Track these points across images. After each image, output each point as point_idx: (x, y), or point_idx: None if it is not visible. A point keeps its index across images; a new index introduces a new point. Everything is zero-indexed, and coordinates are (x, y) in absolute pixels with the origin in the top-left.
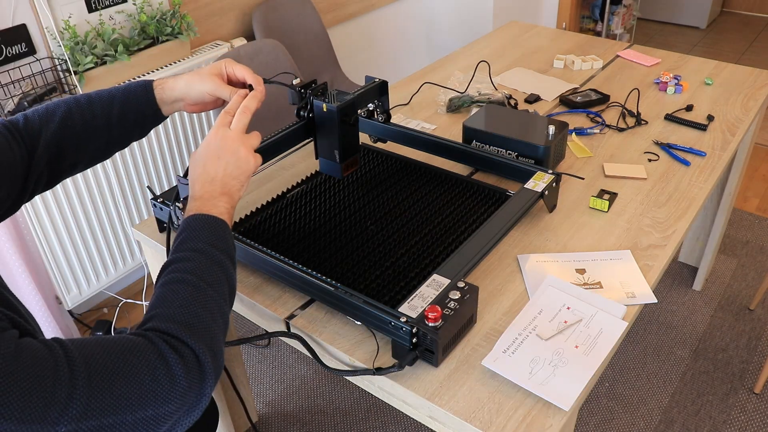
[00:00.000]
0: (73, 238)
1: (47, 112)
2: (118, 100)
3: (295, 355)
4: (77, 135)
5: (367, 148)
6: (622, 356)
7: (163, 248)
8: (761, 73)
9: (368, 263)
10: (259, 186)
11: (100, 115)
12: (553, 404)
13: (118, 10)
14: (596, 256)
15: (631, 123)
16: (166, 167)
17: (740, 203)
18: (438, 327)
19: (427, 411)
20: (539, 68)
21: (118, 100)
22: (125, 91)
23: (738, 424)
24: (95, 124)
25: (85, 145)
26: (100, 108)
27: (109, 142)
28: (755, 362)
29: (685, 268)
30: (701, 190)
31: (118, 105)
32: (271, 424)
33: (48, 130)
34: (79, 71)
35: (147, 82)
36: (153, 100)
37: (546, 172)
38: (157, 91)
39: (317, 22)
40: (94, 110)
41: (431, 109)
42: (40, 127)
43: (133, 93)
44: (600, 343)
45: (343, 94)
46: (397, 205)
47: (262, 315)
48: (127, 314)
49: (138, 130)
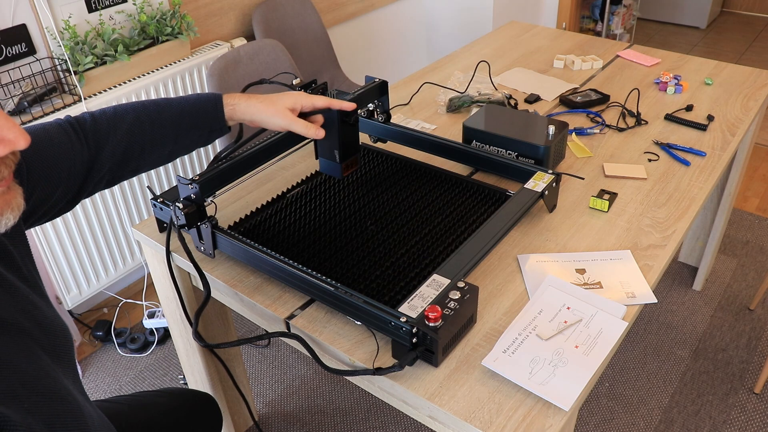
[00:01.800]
0: (73, 238)
1: (116, 117)
2: (187, 113)
3: (295, 355)
4: (143, 144)
5: (367, 148)
6: (622, 356)
7: (163, 248)
8: (761, 73)
9: (368, 263)
10: (259, 186)
11: (169, 126)
12: (553, 404)
13: (118, 10)
14: (596, 256)
15: (631, 123)
16: (166, 167)
17: (740, 203)
18: (438, 327)
19: (427, 411)
20: (539, 68)
21: (187, 113)
22: (195, 105)
23: (738, 424)
24: (163, 134)
25: (149, 153)
26: (169, 120)
27: (173, 151)
28: (755, 362)
29: (685, 268)
30: (701, 190)
31: (187, 118)
32: (271, 424)
33: (115, 136)
34: (79, 71)
35: (217, 98)
36: (222, 118)
37: (546, 172)
38: (227, 110)
39: (317, 22)
40: (162, 121)
41: (431, 109)
42: (108, 132)
43: (202, 108)
44: (600, 343)
45: (343, 94)
46: (397, 205)
47: (262, 315)
48: (127, 314)
49: (203, 142)
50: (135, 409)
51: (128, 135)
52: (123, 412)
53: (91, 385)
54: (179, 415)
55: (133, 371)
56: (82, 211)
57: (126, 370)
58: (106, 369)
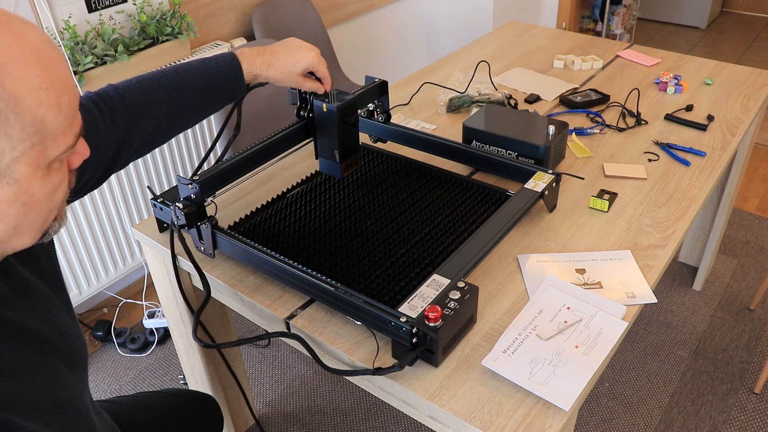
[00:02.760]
0: (72, 237)
1: (143, 95)
2: (212, 87)
3: (295, 355)
4: (173, 120)
5: (367, 148)
6: (622, 356)
7: (163, 248)
8: (761, 73)
9: (368, 263)
10: (259, 186)
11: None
12: (553, 404)
13: (118, 10)
14: (596, 256)
15: (631, 123)
16: (166, 167)
17: (740, 203)
18: (438, 327)
19: (427, 411)
20: (539, 68)
21: (212, 86)
22: (218, 76)
23: (738, 424)
24: (191, 108)
25: (176, 126)
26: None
27: (198, 120)
28: (755, 362)
29: (685, 268)
30: (701, 190)
31: (213, 91)
32: (271, 424)
33: (145, 117)
34: (79, 71)
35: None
36: (243, 86)
37: (546, 172)
38: (248, 78)
39: (317, 22)
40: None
41: (431, 109)
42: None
43: (226, 78)
44: (600, 343)
45: (343, 94)
46: (397, 205)
47: (262, 315)
48: (127, 314)
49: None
50: (136, 409)
51: (158, 114)
52: (123, 412)
53: (91, 385)
54: (180, 415)
55: (133, 371)
56: (82, 211)
57: (126, 370)
58: (106, 369)
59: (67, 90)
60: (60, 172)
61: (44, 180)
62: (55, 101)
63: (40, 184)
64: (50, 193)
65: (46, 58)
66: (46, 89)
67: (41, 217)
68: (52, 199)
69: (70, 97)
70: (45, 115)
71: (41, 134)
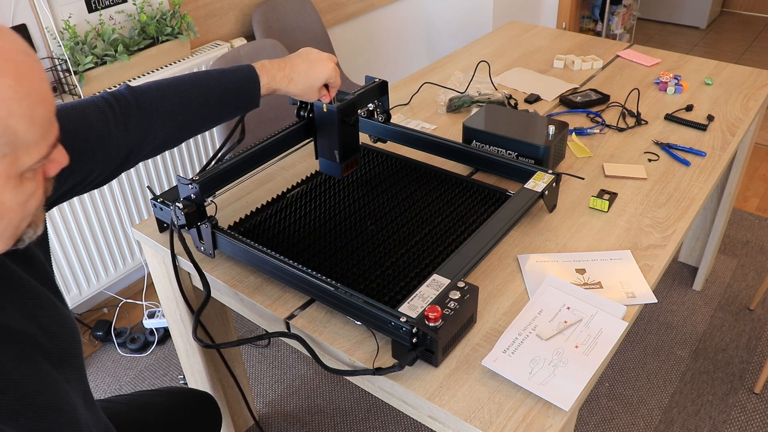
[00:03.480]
0: (72, 237)
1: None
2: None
3: (295, 355)
4: (188, 129)
5: (367, 148)
6: (622, 356)
7: (163, 248)
8: (761, 73)
9: (368, 263)
10: (259, 186)
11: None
12: (553, 404)
13: (118, 10)
14: (596, 256)
15: (631, 123)
16: (166, 167)
17: (740, 203)
18: (438, 327)
19: (427, 411)
20: (539, 68)
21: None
22: (237, 87)
23: (738, 424)
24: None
25: (189, 134)
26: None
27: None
28: (755, 362)
29: (685, 268)
30: (701, 190)
31: (229, 104)
32: (271, 424)
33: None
34: (79, 71)
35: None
36: (258, 98)
37: (546, 172)
38: (264, 91)
39: (317, 22)
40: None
41: (431, 109)
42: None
43: (243, 91)
44: (600, 343)
45: (343, 94)
46: (397, 205)
47: (262, 315)
48: (127, 314)
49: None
50: (134, 408)
51: (172, 123)
52: (122, 411)
53: (91, 385)
54: (178, 414)
55: (133, 371)
56: (82, 211)
57: (126, 370)
58: (106, 369)
59: (41, 101)
60: (33, 181)
61: (16, 189)
62: (28, 112)
63: (12, 194)
64: (23, 202)
65: (22, 69)
66: (19, 100)
67: (13, 225)
68: (25, 207)
69: (45, 108)
70: (17, 126)
71: (12, 145)
